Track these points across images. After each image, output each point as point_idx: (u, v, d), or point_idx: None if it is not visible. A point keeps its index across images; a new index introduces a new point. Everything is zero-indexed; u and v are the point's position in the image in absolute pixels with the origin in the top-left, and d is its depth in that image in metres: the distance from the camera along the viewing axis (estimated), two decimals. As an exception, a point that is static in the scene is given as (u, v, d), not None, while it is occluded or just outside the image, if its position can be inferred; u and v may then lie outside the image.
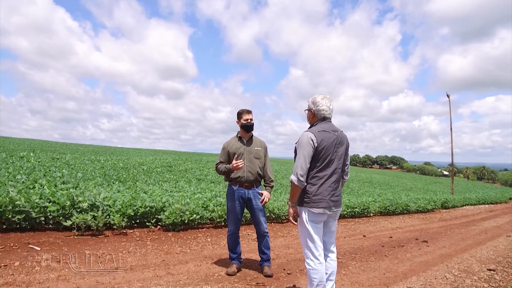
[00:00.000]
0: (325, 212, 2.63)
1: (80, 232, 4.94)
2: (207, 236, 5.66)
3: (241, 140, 3.90)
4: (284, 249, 5.30)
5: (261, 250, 3.94)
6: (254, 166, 3.80)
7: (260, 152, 3.90)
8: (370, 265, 4.64)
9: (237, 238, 3.91)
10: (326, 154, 2.63)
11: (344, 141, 2.77)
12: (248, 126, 3.82)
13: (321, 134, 2.63)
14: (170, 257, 4.37)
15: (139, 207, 5.80)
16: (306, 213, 2.65)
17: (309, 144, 2.59)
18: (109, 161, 17.40)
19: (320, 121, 2.76)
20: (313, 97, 2.80)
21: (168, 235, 5.43)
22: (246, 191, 3.78)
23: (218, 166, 3.90)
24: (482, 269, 4.61)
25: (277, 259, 4.63)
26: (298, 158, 2.60)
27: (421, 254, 5.47)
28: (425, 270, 4.49)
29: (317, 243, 2.65)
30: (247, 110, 3.85)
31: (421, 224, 9.74)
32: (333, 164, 2.68)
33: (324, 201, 2.62)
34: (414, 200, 13.35)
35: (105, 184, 8.97)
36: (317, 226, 2.67)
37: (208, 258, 4.45)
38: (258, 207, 3.81)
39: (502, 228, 9.39)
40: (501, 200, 21.82)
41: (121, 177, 11.19)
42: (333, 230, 2.85)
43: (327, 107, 2.74)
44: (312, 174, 2.64)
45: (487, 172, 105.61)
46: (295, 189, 2.62)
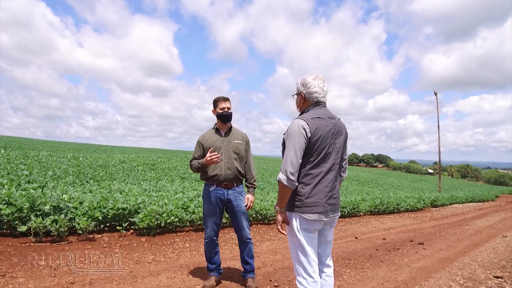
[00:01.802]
0: (321, 219, 2.12)
1: (38, 238, 4.33)
2: (186, 241, 5.09)
3: (218, 132, 3.35)
4: (271, 254, 4.79)
5: (243, 260, 3.40)
6: (234, 162, 3.27)
7: (240, 145, 3.36)
8: (367, 273, 4.17)
9: (216, 246, 3.37)
10: (322, 146, 2.11)
11: (342, 131, 2.26)
12: (225, 116, 3.28)
13: (315, 121, 2.11)
14: (140, 267, 3.80)
15: (109, 209, 5.20)
16: (297, 220, 2.13)
17: (300, 134, 2.06)
18: (87, 158, 16.56)
19: (312, 106, 2.24)
20: (303, 78, 2.27)
21: (141, 241, 4.85)
22: (225, 192, 3.24)
23: (192, 162, 3.36)
24: (488, 276, 4.18)
25: (262, 268, 4.11)
26: (288, 152, 2.07)
27: (419, 259, 5.03)
28: (427, 278, 4.04)
29: (310, 256, 2.13)
30: (223, 98, 3.30)
31: (413, 224, 9.38)
32: (330, 159, 2.16)
33: (319, 205, 2.10)
34: (404, 199, 13.06)
35: (78, 183, 8.29)
36: (311, 236, 2.15)
37: (184, 267, 3.90)
38: (240, 210, 3.27)
39: (496, 227, 9.09)
40: (488, 198, 21.83)
41: (97, 176, 10.46)
42: (329, 239, 2.33)
43: (320, 89, 2.22)
44: (304, 171, 2.11)
45: (470, 170, 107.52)
46: (284, 191, 2.10)
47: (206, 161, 3.09)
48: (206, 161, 3.09)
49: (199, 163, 3.21)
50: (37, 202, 4.67)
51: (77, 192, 6.29)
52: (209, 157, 3.05)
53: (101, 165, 14.18)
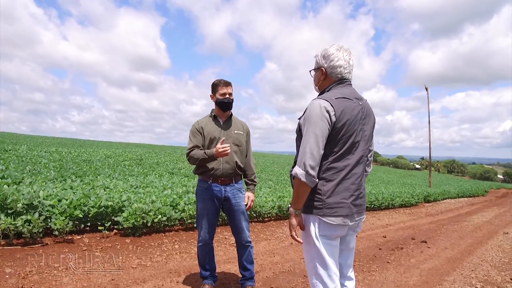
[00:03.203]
0: (346, 223, 1.71)
1: (7, 240, 3.84)
2: (175, 241, 4.65)
3: (217, 121, 2.91)
4: (268, 256, 4.39)
5: (242, 266, 2.99)
6: (233, 155, 2.82)
7: (241, 136, 2.92)
8: (375, 277, 3.80)
9: (210, 250, 2.94)
10: (349, 133, 1.70)
11: (371, 115, 1.86)
12: (226, 103, 2.82)
13: (340, 102, 1.69)
14: (123, 274, 3.35)
15: (91, 207, 4.72)
16: (316, 224, 1.72)
17: (323, 117, 1.64)
18: (71, 153, 15.84)
19: (335, 84, 1.83)
20: (324, 49, 1.85)
21: (125, 242, 4.39)
22: (222, 188, 2.80)
23: (193, 152, 2.77)
24: (504, 279, 3.87)
25: (261, 272, 3.71)
26: (307, 140, 1.65)
27: (426, 259, 4.70)
28: (440, 282, 3.70)
29: (331, 269, 1.73)
30: (224, 82, 2.83)
31: (410, 220, 9.12)
32: (358, 150, 1.75)
33: (344, 206, 1.70)
34: (398, 194, 12.84)
35: (59, 179, 7.73)
36: (332, 244, 1.75)
37: (174, 273, 3.47)
38: (239, 209, 2.85)
39: (494, 223, 8.89)
40: (478, 193, 21.92)
41: (80, 171, 9.87)
42: (352, 246, 1.93)
43: (346, 62, 1.80)
44: (326, 165, 1.70)
45: (457, 166, 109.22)
46: (300, 189, 1.67)
47: (217, 152, 2.58)
48: (217, 152, 2.58)
49: (206, 154, 2.66)
50: (9, 199, 4.17)
51: (56, 188, 5.77)
52: (221, 148, 2.56)
53: (85, 159, 13.52)
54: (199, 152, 2.73)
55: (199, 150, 2.76)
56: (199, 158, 2.70)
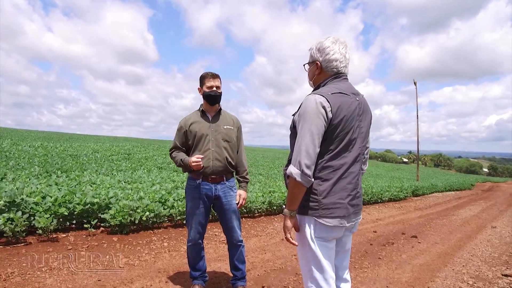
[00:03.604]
0: (342, 224, 1.64)
1: (-12, 240, 3.69)
2: (164, 239, 4.54)
3: (205, 116, 2.80)
4: (259, 253, 4.32)
5: (233, 265, 2.91)
6: (223, 151, 2.73)
7: (232, 132, 2.82)
8: (367, 273, 3.77)
9: (201, 250, 2.85)
10: (345, 130, 1.62)
11: (368, 111, 1.78)
12: (213, 97, 2.71)
13: (337, 98, 1.61)
14: (110, 274, 3.24)
15: (76, 204, 4.58)
16: (311, 226, 1.64)
17: (319, 114, 1.56)
18: (57, 148, 15.49)
19: (331, 78, 1.74)
20: (319, 42, 1.75)
21: (112, 240, 4.26)
22: (213, 187, 2.71)
23: (173, 154, 2.80)
24: (496, 275, 3.88)
25: (252, 270, 3.64)
26: (302, 137, 1.57)
27: (417, 254, 4.70)
28: (432, 278, 3.69)
29: (327, 272, 1.65)
30: (212, 74, 2.72)
31: (399, 214, 9.18)
32: (355, 147, 1.68)
33: (341, 207, 1.62)
34: (387, 188, 12.93)
35: (44, 174, 7.52)
36: (328, 246, 1.67)
37: (163, 272, 3.37)
38: (230, 208, 2.76)
39: (481, 217, 9.00)
40: (465, 187, 22.27)
41: (65, 166, 9.63)
42: (347, 248, 1.87)
43: (342, 56, 1.72)
44: (322, 163, 1.62)
45: (443, 159, 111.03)
46: (295, 189, 1.59)
47: (191, 164, 2.57)
48: (191, 164, 2.57)
49: (182, 161, 2.67)
50: (-11, 197, 4.01)
51: (41, 184, 5.60)
52: (194, 163, 2.55)
53: (72, 154, 13.22)
54: (178, 156, 2.71)
55: (178, 154, 2.74)
56: (178, 163, 2.70)
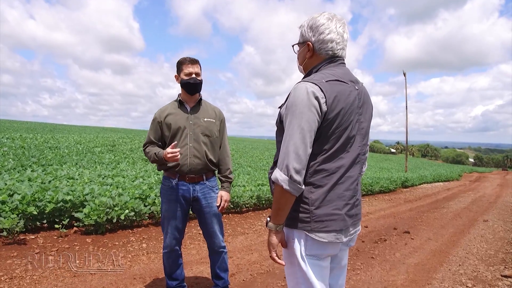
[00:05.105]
0: (339, 239, 1.35)
1: None
2: (143, 240, 4.23)
3: (183, 107, 2.47)
4: (246, 254, 4.05)
5: (215, 274, 2.62)
6: (202, 147, 2.41)
7: (213, 125, 2.50)
8: (360, 276, 3.54)
9: (178, 257, 2.54)
10: (343, 126, 1.32)
11: (368, 102, 1.48)
12: (192, 85, 2.37)
13: (333, 87, 1.30)
14: (79, 282, 2.92)
15: (47, 202, 4.22)
16: (301, 242, 1.35)
17: (311, 106, 1.25)
18: (37, 139, 14.89)
19: (326, 63, 1.43)
20: (312, 19, 1.42)
21: (85, 242, 3.93)
22: (190, 187, 2.40)
23: (146, 150, 2.44)
24: (494, 275, 3.69)
25: (237, 274, 3.36)
26: (290, 135, 1.26)
27: (411, 252, 4.50)
28: (429, 281, 3.47)
29: (320, 296, 1.37)
30: (190, 59, 2.38)
31: (389, 207, 9.02)
32: (354, 146, 1.38)
33: (337, 219, 1.33)
34: (376, 180, 12.80)
35: (18, 168, 7.09)
36: (322, 265, 1.38)
37: (139, 279, 3.07)
38: (210, 211, 2.46)
39: (471, 210, 8.91)
40: (453, 177, 22.38)
41: (43, 159, 9.17)
42: (344, 264, 1.58)
43: (339, 36, 1.40)
44: (314, 166, 1.32)
45: (430, 150, 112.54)
46: (283, 199, 1.29)
47: (166, 157, 2.21)
48: (166, 157, 2.21)
49: (156, 155, 2.30)
50: None
51: (12, 180, 5.20)
52: (169, 154, 2.17)
53: (51, 146, 12.67)
54: (152, 151, 2.34)
55: (152, 148, 2.37)
56: (151, 158, 2.32)
